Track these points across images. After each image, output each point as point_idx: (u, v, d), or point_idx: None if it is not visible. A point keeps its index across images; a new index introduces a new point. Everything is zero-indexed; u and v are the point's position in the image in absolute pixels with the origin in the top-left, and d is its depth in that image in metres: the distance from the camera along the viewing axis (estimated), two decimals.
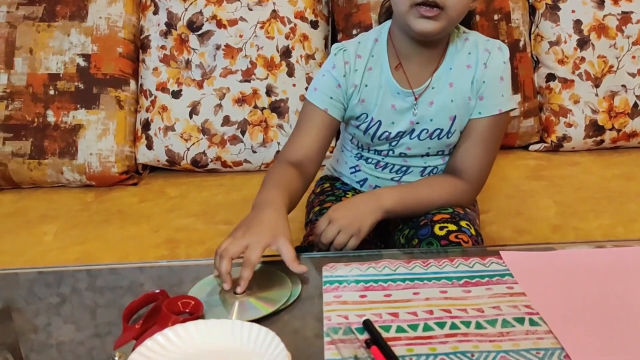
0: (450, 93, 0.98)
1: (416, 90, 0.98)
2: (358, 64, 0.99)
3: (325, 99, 0.99)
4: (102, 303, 0.75)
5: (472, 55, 0.98)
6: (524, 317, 0.66)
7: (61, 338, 0.68)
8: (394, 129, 1.01)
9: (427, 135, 1.01)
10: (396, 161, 1.06)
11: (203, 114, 1.54)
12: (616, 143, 1.55)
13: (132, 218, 1.35)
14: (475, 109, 0.99)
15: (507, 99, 0.99)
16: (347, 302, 0.70)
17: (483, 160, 1.01)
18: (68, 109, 1.51)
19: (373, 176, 1.09)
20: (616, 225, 1.18)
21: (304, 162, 0.97)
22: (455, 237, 0.90)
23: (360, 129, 1.03)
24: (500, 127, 1.01)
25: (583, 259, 0.78)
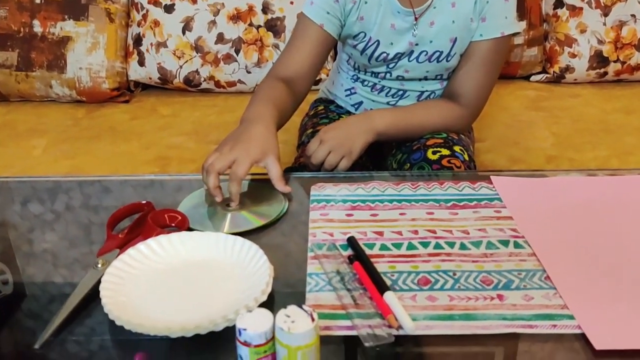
0: (452, 13, 0.94)
1: (417, 10, 0.94)
2: None
3: (321, 14, 0.94)
4: (89, 213, 0.75)
5: None
6: (509, 240, 0.66)
7: (46, 245, 0.68)
8: (392, 49, 0.97)
9: (426, 58, 0.98)
10: (393, 84, 1.03)
11: (196, 31, 1.49)
12: (619, 76, 1.51)
13: (123, 135, 1.33)
14: (477, 31, 0.95)
15: (510, 22, 0.95)
16: (333, 220, 0.70)
17: (482, 85, 0.98)
18: (55, 20, 1.45)
19: (369, 99, 1.06)
20: (611, 157, 1.17)
21: (295, 78, 0.94)
22: (448, 161, 0.89)
23: (358, 49, 0.99)
24: (501, 51, 0.98)
25: (573, 187, 0.77)
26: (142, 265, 0.60)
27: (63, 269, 0.65)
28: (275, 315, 0.47)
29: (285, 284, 0.60)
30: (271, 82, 0.92)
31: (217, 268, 0.61)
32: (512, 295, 0.57)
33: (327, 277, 0.60)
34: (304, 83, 0.95)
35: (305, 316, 0.47)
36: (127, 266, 0.60)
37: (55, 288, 0.62)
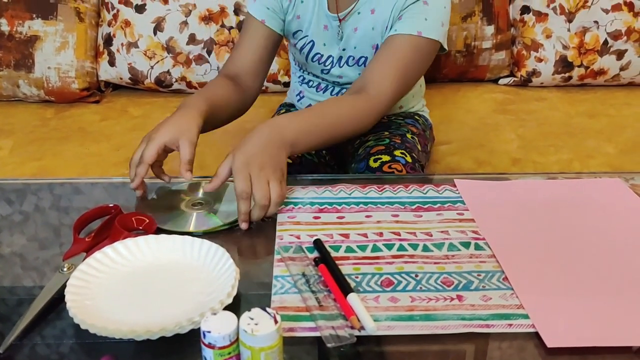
0: (371, 20, 0.96)
1: (340, 15, 0.97)
2: None
3: (262, 10, 0.98)
4: (56, 216, 0.75)
5: None
6: (470, 242, 0.68)
7: (11, 248, 0.68)
8: (325, 51, 1.01)
9: (354, 62, 1.00)
10: (334, 85, 1.06)
11: (168, 31, 1.48)
12: (583, 80, 1.56)
13: (92, 136, 1.32)
14: (393, 27, 0.93)
15: (431, 25, 0.91)
16: (300, 222, 0.71)
17: (387, 76, 0.89)
18: (23, 18, 1.43)
19: (315, 100, 1.08)
20: (573, 160, 1.21)
21: (242, 74, 0.97)
22: (389, 167, 0.91)
23: (297, 47, 1.03)
24: (419, 52, 0.92)
25: (533, 189, 0.80)
26: (108, 269, 0.61)
27: (30, 272, 0.64)
28: (240, 317, 0.48)
29: (252, 286, 0.61)
30: (216, 79, 0.96)
31: (183, 271, 0.61)
32: (471, 295, 0.59)
33: (292, 280, 0.61)
34: (252, 77, 0.98)
35: (268, 318, 0.48)
36: (93, 270, 0.60)
37: (22, 291, 0.62)
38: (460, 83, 1.60)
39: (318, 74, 1.05)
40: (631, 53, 1.51)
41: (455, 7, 1.50)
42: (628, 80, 1.56)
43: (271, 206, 0.71)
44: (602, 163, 1.19)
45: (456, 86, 1.58)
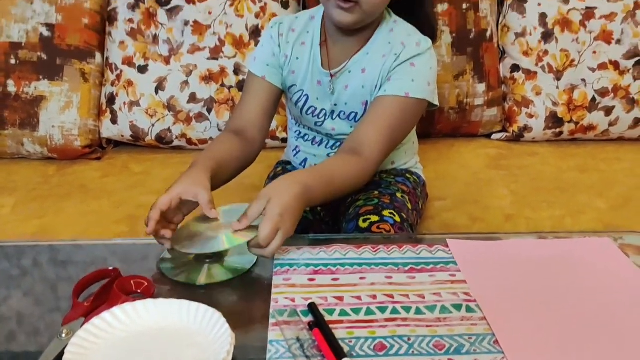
0: (361, 79, 1.01)
1: (333, 71, 1.02)
2: (290, 37, 1.04)
3: (262, 67, 1.04)
4: (55, 278, 0.76)
5: (389, 46, 0.99)
6: (462, 304, 0.69)
7: (9, 312, 0.69)
8: (318, 104, 1.05)
9: (345, 117, 1.05)
10: (328, 137, 1.09)
11: (169, 90, 1.53)
12: (574, 135, 1.60)
13: (93, 193, 1.35)
14: (382, 88, 0.98)
15: (418, 86, 0.96)
16: (295, 285, 0.73)
17: (378, 139, 0.94)
18: (30, 80, 1.48)
19: (311, 154, 1.12)
20: (565, 216, 1.23)
21: (246, 128, 1.02)
22: (377, 227, 0.93)
23: (292, 101, 1.07)
24: (407, 112, 0.97)
25: (525, 249, 0.82)
26: (106, 335, 0.62)
27: (28, 337, 0.65)
28: None
29: (247, 351, 0.62)
30: (221, 135, 1.03)
31: (180, 336, 0.62)
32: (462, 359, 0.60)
33: (287, 344, 0.62)
34: (257, 131, 1.03)
35: None
36: (91, 336, 0.61)
37: (20, 356, 0.62)
38: (454, 138, 1.64)
39: (312, 127, 1.09)
40: (619, 109, 1.55)
41: (448, 66, 1.56)
42: (617, 135, 1.60)
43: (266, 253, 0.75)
44: (593, 219, 1.21)
45: (450, 141, 1.62)
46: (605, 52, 1.54)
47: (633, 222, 1.19)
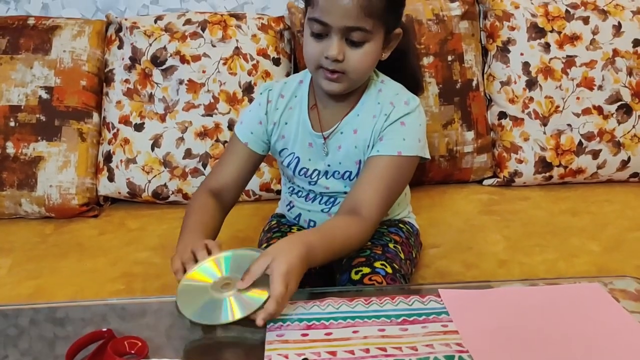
0: (354, 139, 1.04)
1: (325, 133, 1.04)
2: (280, 103, 1.06)
3: (246, 133, 1.08)
4: (49, 341, 0.76)
5: (379, 106, 1.02)
6: (454, 355, 0.69)
7: None
8: (311, 166, 1.07)
9: (339, 176, 1.07)
10: (322, 194, 1.11)
11: (165, 147, 1.56)
12: (564, 179, 1.62)
13: (90, 251, 1.35)
14: (375, 148, 1.01)
15: (409, 144, 0.99)
16: (288, 341, 0.73)
17: (380, 201, 0.97)
18: (28, 141, 1.51)
19: (305, 210, 1.13)
20: (558, 260, 1.24)
21: (222, 190, 1.06)
22: (369, 279, 0.94)
23: (284, 164, 1.10)
24: (401, 170, 1.00)
25: (516, 297, 0.83)
26: None
27: None
28: None
29: None
30: (200, 197, 1.06)
31: None
32: None
33: None
34: (231, 194, 1.08)
35: None
36: None
37: None
38: (446, 185, 1.66)
39: (306, 186, 1.11)
40: (606, 152, 1.59)
41: (436, 116, 1.60)
42: (606, 177, 1.63)
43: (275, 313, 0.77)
44: (587, 262, 1.22)
45: (442, 188, 1.64)
46: (588, 97, 1.59)
47: (626, 265, 1.20)
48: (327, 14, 0.91)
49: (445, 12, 1.63)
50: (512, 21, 1.63)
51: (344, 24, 0.91)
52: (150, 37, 1.59)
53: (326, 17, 0.92)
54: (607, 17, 1.61)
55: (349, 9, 0.90)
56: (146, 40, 1.59)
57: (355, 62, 0.94)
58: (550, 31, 1.61)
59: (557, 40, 1.60)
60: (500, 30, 1.64)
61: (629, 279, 0.86)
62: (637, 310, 0.78)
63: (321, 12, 0.92)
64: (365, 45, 0.94)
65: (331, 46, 0.93)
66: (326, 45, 0.93)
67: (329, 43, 0.93)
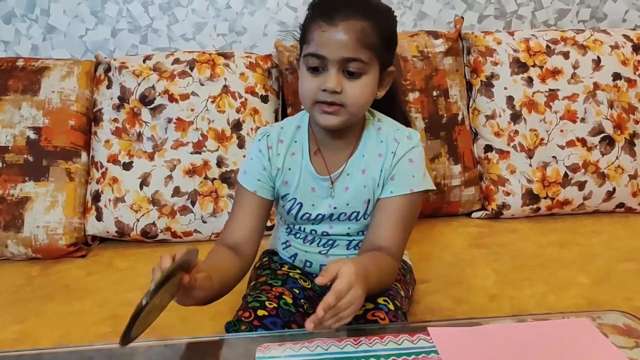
0: (362, 179, 1.04)
1: (332, 176, 1.04)
2: (280, 149, 1.05)
3: (254, 182, 1.05)
4: None
5: (383, 144, 1.04)
6: None
7: None
8: (314, 211, 1.06)
9: (345, 218, 1.07)
10: (322, 236, 1.10)
11: (153, 185, 1.56)
12: (551, 210, 1.64)
13: (77, 293, 1.34)
14: (387, 188, 1.03)
15: (418, 180, 1.03)
16: None
17: (401, 238, 1.02)
18: (15, 182, 1.51)
19: (302, 250, 1.12)
20: (548, 293, 1.23)
21: (240, 243, 1.02)
22: (372, 314, 0.94)
23: (285, 208, 1.08)
24: (414, 205, 1.04)
25: (504, 334, 0.82)
26: None
27: None
28: None
29: None
30: (217, 250, 1.01)
31: None
32: None
33: None
34: (250, 245, 1.04)
35: None
36: None
37: None
38: (436, 218, 1.67)
39: (306, 229, 1.10)
40: (591, 184, 1.61)
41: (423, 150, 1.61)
42: (593, 208, 1.64)
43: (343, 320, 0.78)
44: (576, 294, 1.22)
45: (432, 222, 1.64)
46: (572, 130, 1.62)
47: (615, 297, 1.20)
48: (323, 47, 0.93)
49: (430, 48, 1.66)
50: (495, 56, 1.66)
51: (341, 55, 0.92)
52: (139, 77, 1.61)
53: (323, 50, 0.93)
54: (587, 51, 1.65)
55: (345, 41, 0.92)
56: (135, 80, 1.61)
57: (353, 94, 0.95)
58: (532, 65, 1.64)
59: (539, 75, 1.64)
60: (483, 65, 1.67)
61: (617, 314, 0.86)
62: (626, 345, 0.78)
63: (317, 46, 0.93)
64: (362, 77, 0.95)
65: (329, 78, 0.93)
66: (323, 79, 0.94)
67: (326, 76, 0.94)
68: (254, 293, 1.03)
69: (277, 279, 1.08)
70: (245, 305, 0.99)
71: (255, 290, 1.04)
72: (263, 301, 0.99)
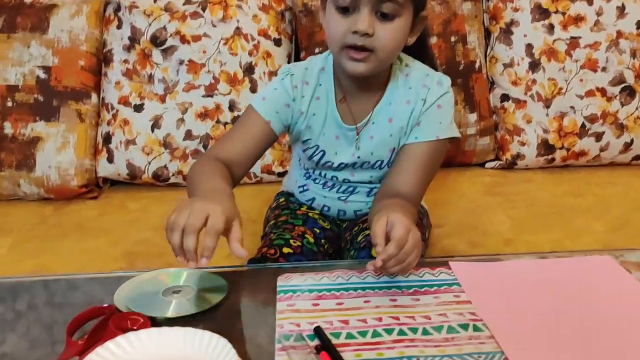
0: (389, 128, 1.00)
1: (358, 126, 1.01)
2: (306, 91, 0.99)
3: (271, 112, 0.98)
4: (49, 315, 0.74)
5: (412, 91, 0.99)
6: (469, 324, 0.68)
7: (5, 351, 0.67)
8: (336, 159, 1.03)
9: (369, 166, 1.04)
10: (343, 183, 1.08)
11: (165, 128, 1.54)
12: (566, 162, 1.62)
13: (90, 232, 1.34)
14: (412, 134, 0.99)
15: (445, 127, 0.99)
16: (299, 310, 0.72)
17: (421, 186, 0.99)
18: (26, 121, 1.49)
19: (320, 195, 1.10)
20: (564, 239, 1.23)
21: (232, 164, 0.94)
22: None
23: (306, 154, 1.05)
24: (438, 153, 1.00)
25: (527, 270, 0.82)
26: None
27: None
28: None
29: None
30: (212, 162, 0.92)
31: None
32: None
33: None
34: (241, 170, 0.97)
35: None
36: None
37: None
38: (450, 168, 1.64)
39: (327, 174, 1.07)
40: (609, 135, 1.58)
41: None
42: (609, 160, 1.62)
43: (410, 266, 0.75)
44: (593, 241, 1.22)
45: (446, 171, 1.62)
46: (592, 79, 1.58)
47: (633, 243, 1.19)
48: None
49: None
50: (516, 2, 1.61)
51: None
52: (149, 17, 1.57)
53: None
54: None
55: None
56: (145, 20, 1.57)
57: (385, 38, 0.89)
58: (555, 12, 1.60)
59: (561, 22, 1.59)
60: (503, 11, 1.63)
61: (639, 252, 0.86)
62: None
63: None
64: (395, 20, 0.89)
65: (360, 19, 0.87)
66: (354, 20, 0.88)
67: (357, 17, 0.88)
68: (277, 231, 1.02)
69: (297, 218, 1.07)
70: (269, 242, 0.98)
71: (278, 229, 1.03)
72: (287, 239, 0.98)
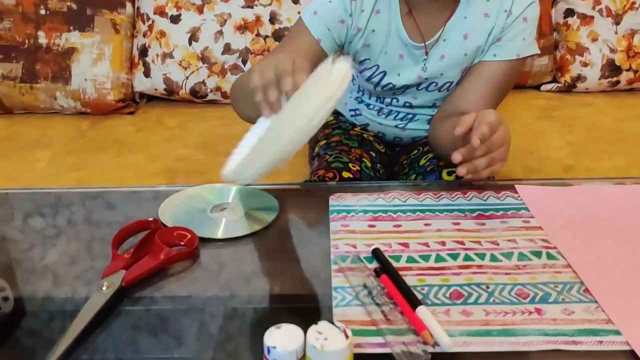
0: (463, 46, 0.89)
1: (428, 44, 0.89)
2: (365, 4, 0.88)
3: (321, 28, 0.88)
4: (94, 227, 0.71)
5: (491, 2, 0.87)
6: (541, 251, 0.63)
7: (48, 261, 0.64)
8: (399, 80, 0.93)
9: (435, 88, 0.94)
10: (401, 109, 0.99)
11: (203, 41, 1.47)
12: (632, 85, 1.49)
13: (128, 147, 1.31)
14: (490, 51, 0.88)
15: (528, 44, 0.88)
16: (355, 231, 0.67)
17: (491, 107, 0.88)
18: (60, 31, 1.43)
19: (375, 122, 1.02)
20: (630, 166, 1.14)
21: None
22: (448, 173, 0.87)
23: (363, 75, 0.95)
24: (513, 73, 0.90)
25: (601, 195, 0.75)
26: None
27: (65, 287, 0.61)
28: (306, 332, 0.44)
29: (310, 298, 0.57)
30: None
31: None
32: (550, 309, 0.54)
33: (353, 291, 0.56)
34: None
35: (338, 333, 0.44)
36: None
37: (57, 306, 0.58)
38: None
39: (384, 98, 0.98)
40: None
41: None
42: None
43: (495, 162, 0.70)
44: None
45: None
46: None
47: None
48: None
49: None
50: None
51: None
52: None
53: None
54: None
55: None
56: None
57: None
58: None
59: None
60: None
61: None
62: None
63: None
64: None
65: None
66: None
67: None
68: (333, 152, 0.95)
69: (352, 139, 1.00)
70: (326, 164, 0.92)
71: (333, 150, 0.96)
72: (346, 162, 0.91)
